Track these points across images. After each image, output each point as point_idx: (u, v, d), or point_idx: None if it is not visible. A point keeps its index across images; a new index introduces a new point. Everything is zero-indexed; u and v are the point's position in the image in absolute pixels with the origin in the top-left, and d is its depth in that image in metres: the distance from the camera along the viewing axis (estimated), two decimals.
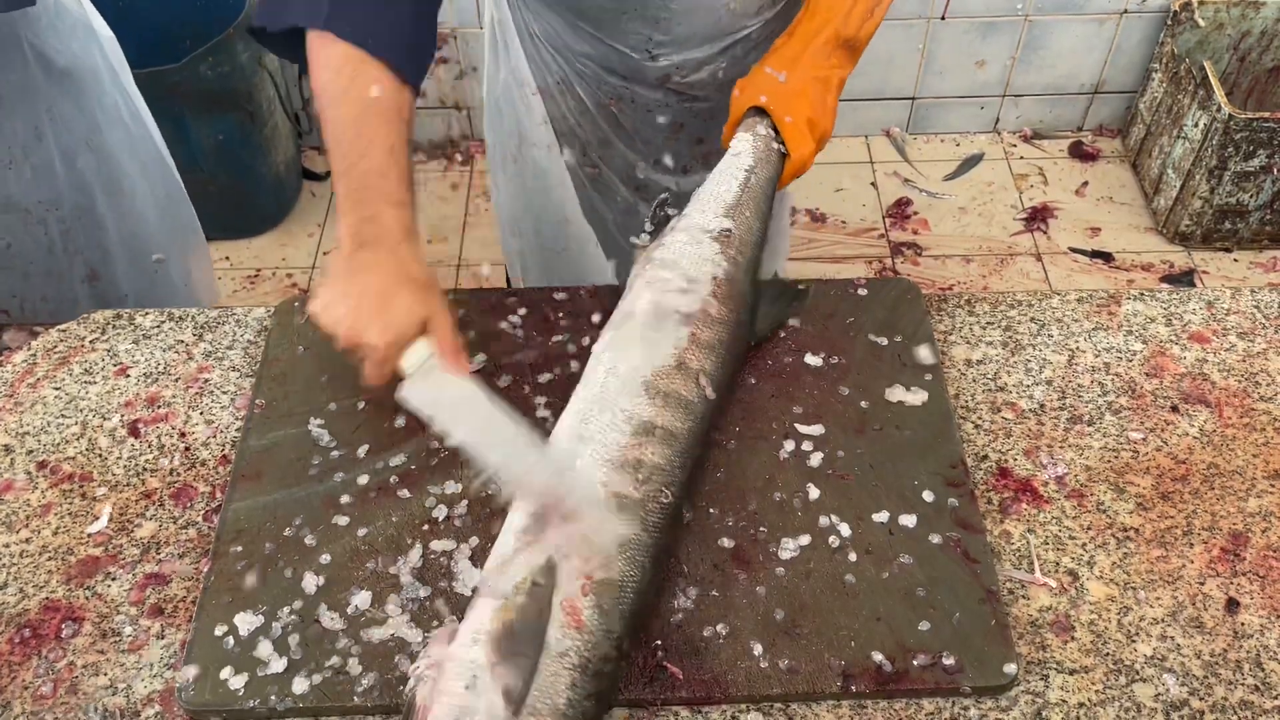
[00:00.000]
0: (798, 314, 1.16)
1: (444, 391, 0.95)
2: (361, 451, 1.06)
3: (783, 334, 1.15)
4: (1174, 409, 1.11)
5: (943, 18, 2.67)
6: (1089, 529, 1.01)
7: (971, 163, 2.86)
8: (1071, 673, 0.92)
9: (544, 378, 1.12)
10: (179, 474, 1.07)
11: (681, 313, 1.03)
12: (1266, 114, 2.35)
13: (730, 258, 1.09)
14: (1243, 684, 0.91)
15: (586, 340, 1.15)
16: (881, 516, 0.99)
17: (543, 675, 0.81)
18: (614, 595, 0.86)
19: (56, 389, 1.15)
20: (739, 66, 1.32)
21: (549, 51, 1.33)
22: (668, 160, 1.41)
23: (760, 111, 1.18)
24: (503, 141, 1.46)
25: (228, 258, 2.67)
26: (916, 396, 1.09)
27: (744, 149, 1.17)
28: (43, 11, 1.39)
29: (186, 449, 1.10)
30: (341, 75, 0.98)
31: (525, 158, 1.44)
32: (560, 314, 1.19)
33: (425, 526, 1.00)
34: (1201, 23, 2.58)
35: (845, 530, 0.98)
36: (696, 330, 1.02)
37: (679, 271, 1.06)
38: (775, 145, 1.18)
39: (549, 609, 0.83)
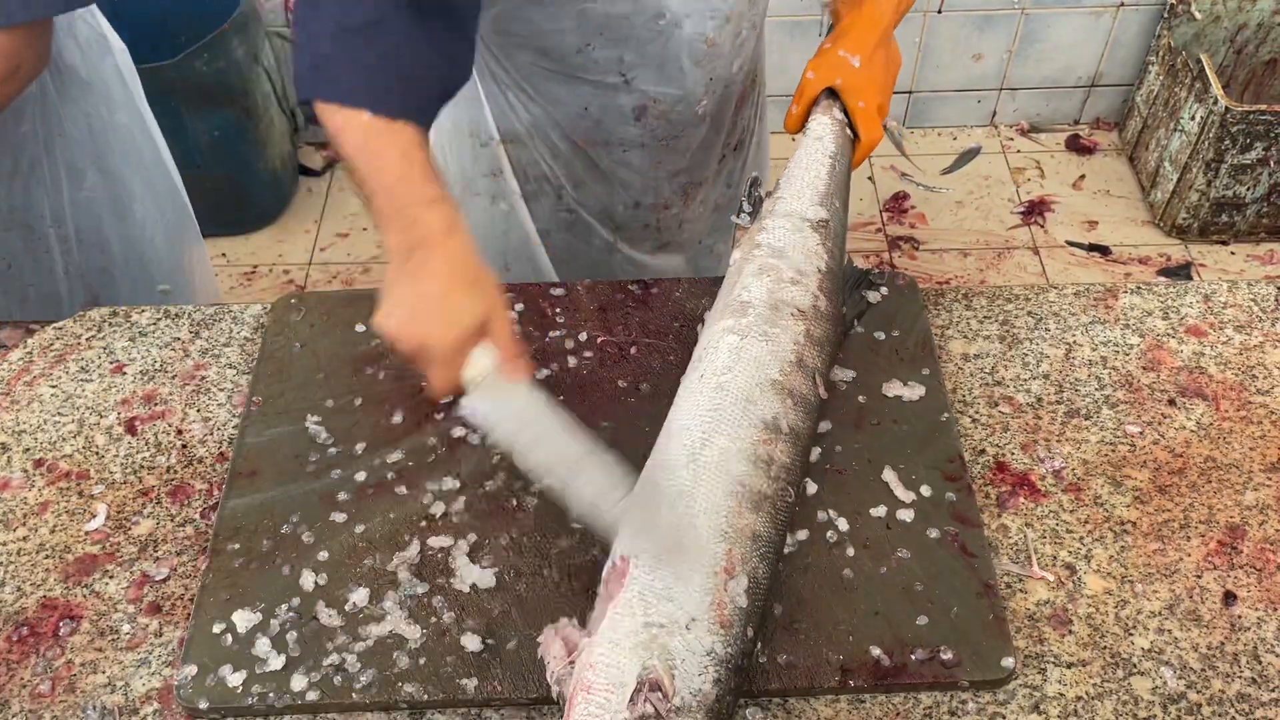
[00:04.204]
0: (873, 300, 1.16)
1: (509, 406, 0.92)
2: (359, 448, 1.06)
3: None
4: (1171, 402, 1.11)
5: (939, 11, 2.67)
6: (1086, 523, 1.02)
7: (969, 156, 2.86)
8: (1069, 666, 0.92)
9: (541, 374, 1.12)
10: (176, 471, 1.07)
11: (797, 307, 1.02)
12: (1263, 107, 2.35)
13: (829, 249, 1.09)
14: (1240, 677, 0.91)
15: (583, 335, 1.15)
16: (879, 511, 1.00)
17: (690, 673, 0.80)
18: (751, 591, 0.86)
19: (53, 387, 1.15)
20: (720, 100, 1.31)
21: (518, 96, 1.29)
22: (648, 199, 1.39)
23: (832, 94, 1.18)
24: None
25: (224, 254, 2.66)
26: (914, 391, 1.09)
27: (825, 134, 1.17)
28: (61, 18, 1.35)
29: (183, 446, 1.09)
30: (337, 115, 0.95)
31: (467, 205, 1.39)
32: (557, 309, 1.18)
33: (423, 523, 1.00)
34: (1198, 15, 2.58)
35: (843, 525, 0.99)
36: (810, 326, 1.02)
37: (789, 262, 1.05)
38: (848, 130, 1.18)
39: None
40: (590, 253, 1.44)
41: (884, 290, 1.17)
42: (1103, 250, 2.63)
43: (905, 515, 0.99)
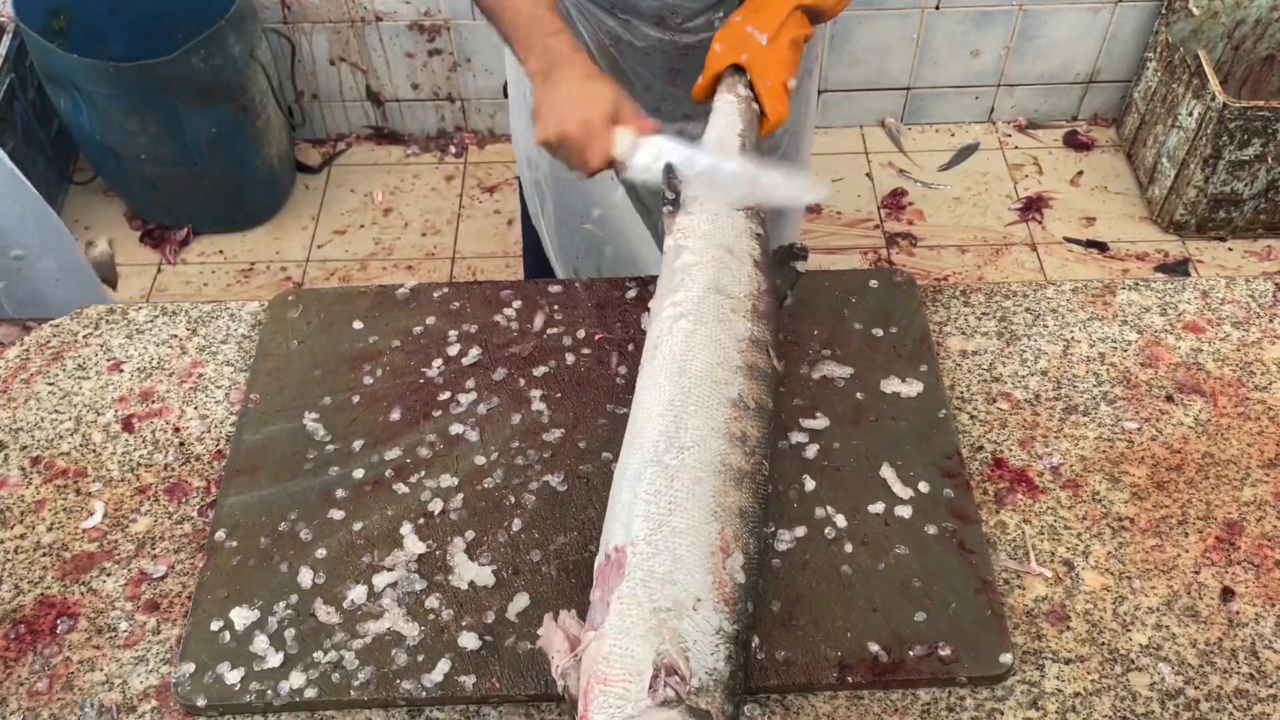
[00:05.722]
0: (801, 269, 1.15)
1: (659, 153, 1.11)
2: (356, 445, 1.06)
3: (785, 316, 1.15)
4: (1169, 399, 1.11)
5: (937, 7, 2.67)
6: (1084, 519, 1.02)
7: (967, 153, 2.86)
8: (1067, 662, 0.92)
9: (539, 371, 1.12)
10: (173, 469, 1.07)
11: (738, 286, 1.03)
12: (1261, 103, 2.35)
13: (755, 225, 1.09)
14: (1238, 672, 0.91)
15: (581, 332, 1.15)
16: (877, 508, 1.00)
17: (703, 652, 0.80)
18: (747, 566, 0.86)
19: (50, 384, 1.15)
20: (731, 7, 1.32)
21: None
22: (667, 106, 1.41)
23: (738, 70, 1.19)
24: (521, 80, 1.47)
25: (221, 251, 2.66)
26: (912, 388, 1.09)
27: (732, 112, 1.17)
28: None
29: (181, 444, 1.09)
30: None
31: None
32: (555, 306, 1.18)
33: (421, 520, 1.00)
34: (1196, 11, 2.58)
35: (841, 521, 0.99)
36: (755, 302, 1.03)
37: (721, 245, 1.06)
38: (754, 106, 1.18)
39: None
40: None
41: (806, 261, 1.15)
42: (1100, 246, 2.63)
43: (903, 512, 0.99)
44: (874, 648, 0.90)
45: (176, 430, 1.11)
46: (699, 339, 0.98)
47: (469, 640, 0.91)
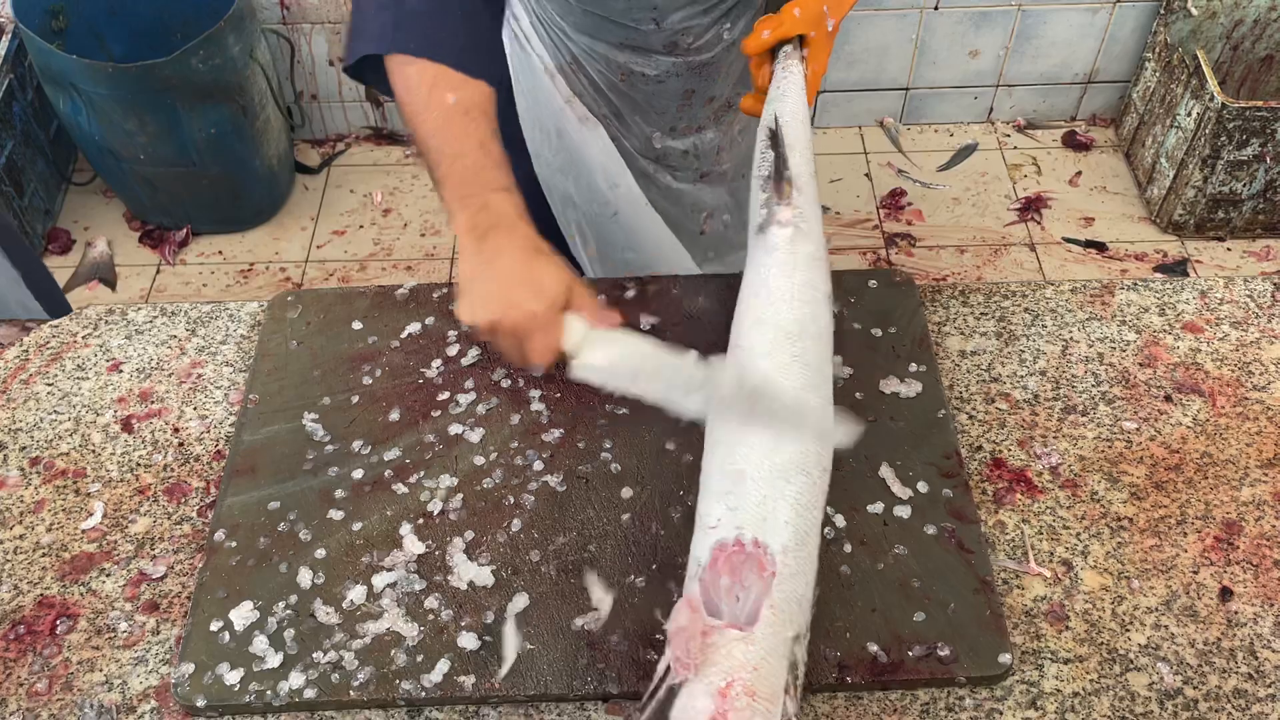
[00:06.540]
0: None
1: (615, 353, 0.97)
2: (356, 446, 1.06)
3: None
4: (1167, 398, 1.11)
5: (936, 8, 2.67)
6: (1083, 519, 1.02)
7: (965, 153, 2.86)
8: (1066, 662, 0.92)
9: (538, 371, 1.12)
10: (173, 469, 1.07)
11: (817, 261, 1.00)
12: (1259, 103, 2.35)
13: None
14: (1236, 672, 0.91)
15: None
16: (876, 508, 1.00)
17: (790, 681, 0.79)
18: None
19: (49, 385, 1.15)
20: (744, 23, 1.32)
21: (556, 34, 1.33)
22: (681, 125, 1.41)
23: (800, 43, 1.13)
24: (542, 121, 1.45)
25: (220, 251, 2.66)
26: (911, 388, 1.09)
27: (800, 79, 1.11)
28: None
29: (180, 444, 1.09)
30: (420, 89, 1.02)
31: (565, 132, 1.44)
32: None
33: (420, 520, 1.00)
34: (1194, 11, 2.58)
35: (840, 521, 0.99)
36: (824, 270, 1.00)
37: (816, 228, 1.02)
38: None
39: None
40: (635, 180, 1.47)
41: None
42: (1099, 246, 2.63)
43: (902, 512, 0.99)
44: (873, 648, 0.91)
45: (176, 431, 1.11)
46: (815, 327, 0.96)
47: (468, 640, 0.91)
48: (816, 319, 0.96)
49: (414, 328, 1.16)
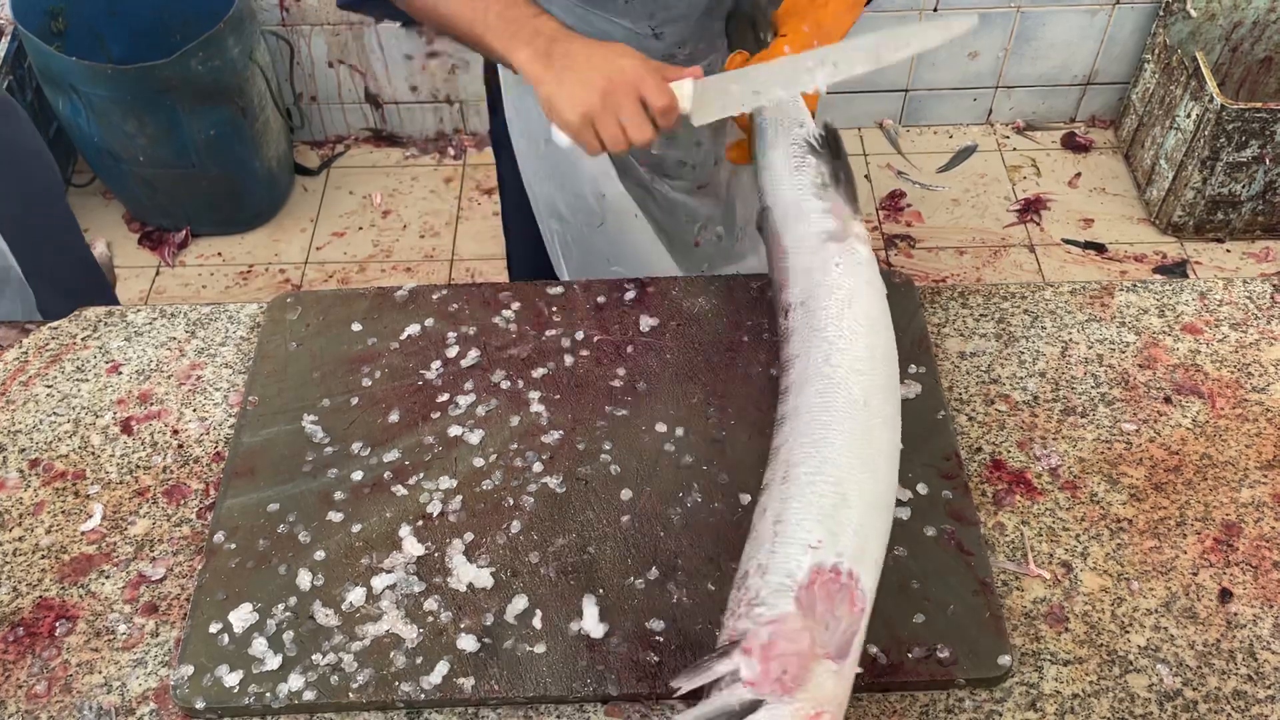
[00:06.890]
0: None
1: (729, 90, 1.00)
2: (355, 447, 1.06)
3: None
4: (1167, 400, 1.11)
5: (935, 9, 2.67)
6: (1082, 520, 1.02)
7: (965, 154, 2.86)
8: (1065, 664, 0.92)
9: (538, 372, 1.12)
10: (172, 471, 1.07)
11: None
12: (1259, 104, 2.35)
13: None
14: (1236, 674, 0.91)
15: (580, 334, 1.15)
16: None
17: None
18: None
19: (48, 387, 1.15)
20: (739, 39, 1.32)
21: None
22: (679, 133, 1.41)
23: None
24: (530, 127, 1.45)
25: (220, 253, 2.66)
26: (910, 389, 1.09)
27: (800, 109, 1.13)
28: None
29: (179, 446, 1.09)
30: None
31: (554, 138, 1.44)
32: (554, 308, 1.18)
33: (420, 522, 1.00)
34: (1193, 13, 2.58)
35: None
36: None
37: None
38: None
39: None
40: (628, 191, 1.46)
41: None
42: (1099, 248, 2.63)
43: (902, 513, 0.99)
44: (872, 650, 0.90)
45: (175, 432, 1.11)
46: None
47: (468, 642, 0.91)
48: (890, 343, 0.98)
49: (413, 329, 1.16)
